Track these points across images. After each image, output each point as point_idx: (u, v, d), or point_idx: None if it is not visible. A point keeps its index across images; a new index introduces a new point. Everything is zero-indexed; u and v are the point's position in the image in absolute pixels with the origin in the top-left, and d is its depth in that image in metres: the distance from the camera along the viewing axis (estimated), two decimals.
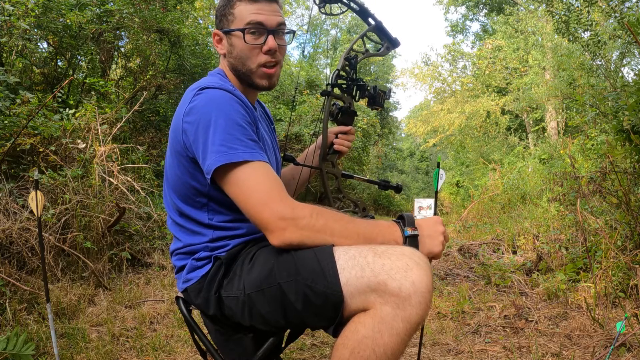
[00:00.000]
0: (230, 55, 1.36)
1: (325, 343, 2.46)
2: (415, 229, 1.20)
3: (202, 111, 1.19)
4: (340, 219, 1.17)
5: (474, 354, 2.26)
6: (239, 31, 1.31)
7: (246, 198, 1.14)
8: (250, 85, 1.37)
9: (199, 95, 1.22)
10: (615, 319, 2.51)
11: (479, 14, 21.70)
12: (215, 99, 1.20)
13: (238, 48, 1.33)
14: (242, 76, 1.36)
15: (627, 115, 2.96)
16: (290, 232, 1.12)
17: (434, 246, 1.22)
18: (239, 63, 1.34)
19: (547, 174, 7.07)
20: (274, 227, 1.12)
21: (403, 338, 1.05)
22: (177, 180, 1.30)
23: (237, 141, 1.16)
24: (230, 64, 1.37)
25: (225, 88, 1.24)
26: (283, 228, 1.11)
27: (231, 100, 1.22)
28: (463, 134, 16.39)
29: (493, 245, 4.90)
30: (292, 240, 1.12)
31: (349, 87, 1.47)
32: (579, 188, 4.31)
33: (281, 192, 1.14)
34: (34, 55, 5.65)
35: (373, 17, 1.55)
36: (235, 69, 1.36)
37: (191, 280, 1.29)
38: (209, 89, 1.23)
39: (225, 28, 1.35)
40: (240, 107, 1.22)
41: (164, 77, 7.10)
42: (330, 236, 1.14)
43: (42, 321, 2.55)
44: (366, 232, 1.17)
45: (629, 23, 3.30)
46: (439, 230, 1.25)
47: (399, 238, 1.19)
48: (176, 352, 2.30)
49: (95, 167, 4.06)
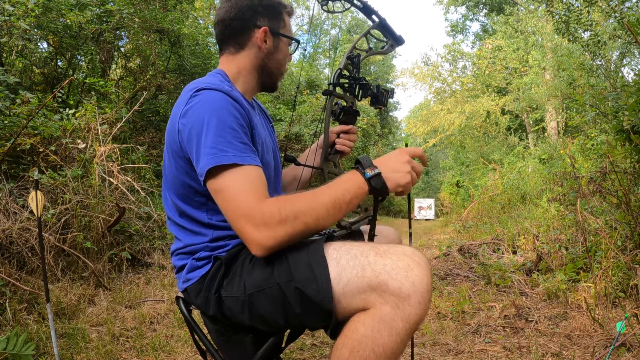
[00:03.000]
0: (269, 55, 1.42)
1: (325, 343, 2.46)
2: (374, 167, 1.16)
3: (197, 113, 1.19)
4: (305, 199, 1.12)
5: (474, 354, 2.26)
6: (294, 41, 1.47)
7: (226, 207, 1.14)
8: (272, 85, 1.48)
9: (195, 97, 1.22)
10: (615, 319, 2.51)
11: (479, 14, 21.72)
12: (211, 101, 1.20)
13: (282, 53, 1.44)
14: (270, 76, 1.45)
15: (627, 115, 2.96)
16: (265, 240, 1.09)
17: (399, 178, 1.18)
18: (275, 65, 1.44)
19: (547, 174, 7.07)
20: (249, 240, 1.10)
21: (402, 338, 1.05)
22: (175, 180, 1.30)
23: (228, 144, 1.15)
24: (262, 62, 1.42)
25: (222, 89, 1.24)
26: (257, 238, 1.09)
27: (227, 102, 1.21)
28: (463, 134, 16.39)
29: (493, 245, 4.90)
30: (270, 245, 1.10)
31: (351, 86, 1.45)
32: (579, 188, 4.31)
33: (255, 198, 1.11)
34: (34, 55, 5.66)
35: (377, 14, 1.53)
36: (267, 69, 1.43)
37: (191, 280, 1.29)
38: (206, 90, 1.23)
39: (277, 30, 1.42)
40: (235, 110, 1.22)
41: (164, 77, 7.11)
42: (303, 222, 1.10)
43: (42, 321, 2.55)
44: (333, 198, 1.13)
45: (629, 23, 3.30)
46: (402, 160, 1.19)
47: (362, 184, 1.16)
48: (176, 352, 2.30)
49: (95, 167, 4.06)
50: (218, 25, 1.42)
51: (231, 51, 1.41)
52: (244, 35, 1.39)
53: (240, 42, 1.40)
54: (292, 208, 1.10)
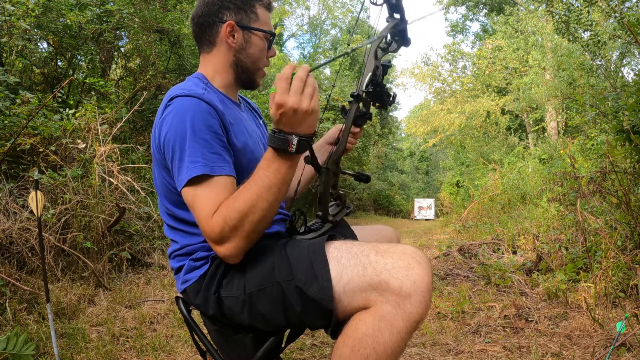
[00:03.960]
0: (241, 51, 1.36)
1: (325, 343, 2.46)
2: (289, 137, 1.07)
3: (171, 126, 1.19)
4: (242, 198, 1.10)
5: (474, 354, 2.26)
6: (267, 34, 1.37)
7: (196, 219, 1.16)
8: (250, 81, 1.41)
9: (169, 107, 1.23)
10: (615, 319, 2.51)
11: (479, 14, 21.74)
12: (182, 112, 1.19)
13: (257, 48, 1.37)
14: (246, 72, 1.39)
15: (627, 115, 2.96)
16: (228, 251, 1.13)
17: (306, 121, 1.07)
18: (250, 61, 1.38)
19: (547, 174, 7.06)
20: (219, 254, 1.15)
21: (403, 336, 1.05)
22: (163, 186, 1.31)
23: (199, 154, 1.15)
24: (236, 58, 1.37)
25: (195, 94, 1.22)
26: (223, 252, 1.14)
27: (198, 109, 1.19)
28: (463, 134, 16.40)
29: (493, 245, 4.90)
30: (236, 254, 1.14)
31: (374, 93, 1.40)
32: (579, 188, 4.31)
33: (208, 216, 1.11)
34: (34, 55, 5.66)
35: (403, 13, 1.45)
36: (241, 65, 1.37)
37: (189, 281, 1.29)
38: (178, 97, 1.22)
39: (246, 24, 1.35)
40: (208, 115, 1.20)
41: (164, 77, 7.10)
42: (251, 221, 1.10)
43: (42, 321, 2.55)
44: (267, 183, 1.09)
45: (629, 23, 3.30)
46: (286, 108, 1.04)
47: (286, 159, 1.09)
48: (176, 352, 2.30)
49: (95, 167, 4.06)
50: (192, 24, 1.39)
51: (206, 50, 1.39)
52: (212, 32, 1.35)
53: (210, 39, 1.36)
54: (235, 213, 1.09)
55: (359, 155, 11.43)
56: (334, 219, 1.36)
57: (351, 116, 1.35)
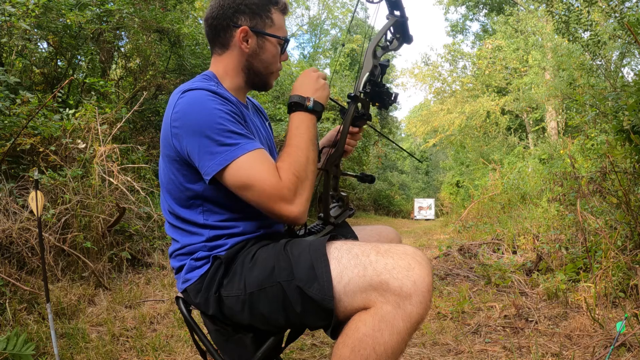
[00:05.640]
0: (254, 56, 1.36)
1: (325, 343, 2.46)
2: (307, 98, 1.30)
3: (187, 115, 1.19)
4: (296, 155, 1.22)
5: (474, 354, 2.26)
6: (281, 39, 1.38)
7: (252, 196, 1.18)
8: (263, 84, 1.43)
9: (182, 99, 1.22)
10: (615, 319, 2.51)
11: (479, 14, 21.73)
12: (198, 101, 1.20)
13: (269, 53, 1.38)
14: (259, 76, 1.40)
15: (627, 115, 2.96)
16: (301, 207, 1.18)
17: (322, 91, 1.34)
18: (262, 65, 1.38)
19: (547, 174, 7.06)
20: (289, 216, 1.18)
21: (403, 337, 1.05)
22: (170, 183, 1.30)
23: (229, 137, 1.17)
24: (248, 63, 1.37)
25: (207, 88, 1.23)
26: (296, 211, 1.18)
27: (214, 98, 1.21)
28: (463, 134, 16.40)
29: (493, 245, 4.90)
30: (306, 208, 1.20)
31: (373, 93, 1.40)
32: (579, 188, 4.31)
33: (275, 177, 1.17)
34: (34, 55, 5.66)
35: (403, 10, 1.45)
36: (253, 69, 1.38)
37: (190, 281, 1.29)
38: (191, 90, 1.23)
39: (261, 29, 1.35)
40: (223, 104, 1.21)
41: (164, 77, 7.10)
42: (311, 171, 1.23)
43: (42, 321, 2.54)
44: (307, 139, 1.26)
45: (629, 23, 3.30)
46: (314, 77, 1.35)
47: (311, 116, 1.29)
48: (176, 352, 2.29)
49: (95, 167, 4.05)
50: (205, 25, 1.39)
51: (218, 52, 1.39)
52: (226, 35, 1.35)
53: (223, 42, 1.36)
54: (298, 166, 1.20)
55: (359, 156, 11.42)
56: (335, 221, 1.36)
57: (349, 117, 1.35)
